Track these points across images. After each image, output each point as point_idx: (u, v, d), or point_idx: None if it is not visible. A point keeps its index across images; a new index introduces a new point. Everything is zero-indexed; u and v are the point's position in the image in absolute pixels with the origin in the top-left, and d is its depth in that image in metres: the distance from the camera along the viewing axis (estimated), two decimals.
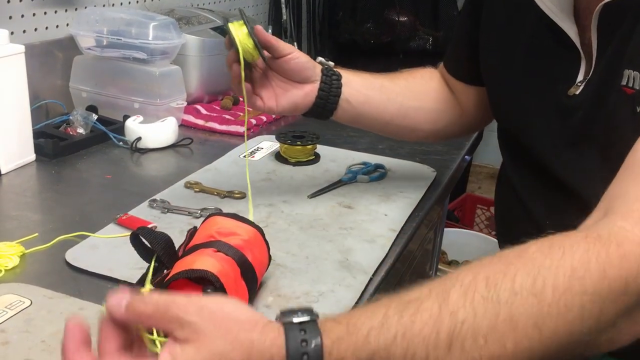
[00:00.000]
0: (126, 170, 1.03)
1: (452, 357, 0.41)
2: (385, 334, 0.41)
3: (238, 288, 0.58)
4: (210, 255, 0.58)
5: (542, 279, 0.42)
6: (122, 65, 1.17)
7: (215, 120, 1.23)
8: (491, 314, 0.41)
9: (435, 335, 0.41)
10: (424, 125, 0.89)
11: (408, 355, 0.40)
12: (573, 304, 0.42)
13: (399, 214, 0.88)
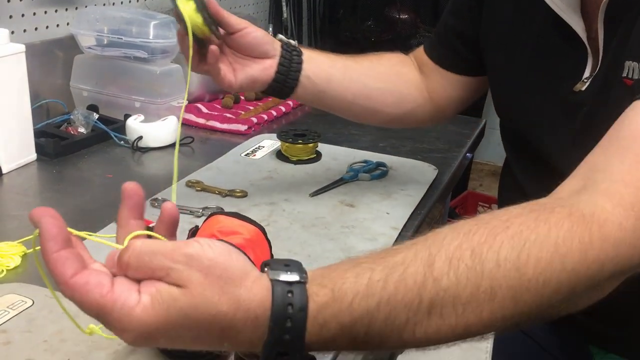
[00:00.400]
0: (127, 170, 1.03)
1: (429, 323, 0.42)
2: (369, 300, 0.41)
3: None
4: None
5: (526, 253, 0.43)
6: (122, 64, 1.17)
7: (216, 119, 1.23)
8: (473, 283, 0.42)
9: (417, 301, 0.41)
10: (387, 108, 0.87)
11: (389, 320, 0.41)
12: (551, 280, 0.43)
13: (401, 212, 0.88)
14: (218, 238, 0.61)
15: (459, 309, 0.42)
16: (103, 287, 0.39)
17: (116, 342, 0.58)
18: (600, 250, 0.45)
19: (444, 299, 0.42)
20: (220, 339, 0.40)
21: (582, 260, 0.44)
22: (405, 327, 0.42)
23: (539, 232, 0.44)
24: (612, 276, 0.46)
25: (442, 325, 0.42)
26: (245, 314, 0.39)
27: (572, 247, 0.44)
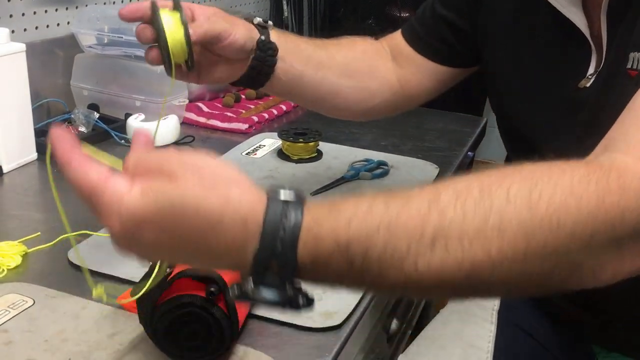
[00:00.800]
0: None
1: (433, 255, 0.39)
2: (369, 222, 0.39)
3: None
4: None
5: (538, 192, 0.41)
6: (123, 63, 1.17)
7: (217, 118, 1.22)
8: (481, 218, 0.40)
9: (420, 230, 0.39)
10: (355, 105, 0.84)
11: (389, 247, 0.39)
12: (566, 222, 0.40)
13: None
14: None
15: (466, 243, 0.39)
16: (101, 174, 0.41)
17: (117, 342, 0.58)
18: (620, 197, 0.41)
19: (449, 231, 0.39)
20: (206, 241, 0.39)
21: (600, 204, 0.41)
22: (407, 258, 0.39)
23: (552, 175, 0.42)
24: (635, 233, 0.42)
25: (447, 259, 0.39)
26: (233, 214, 0.39)
27: (589, 189, 0.41)
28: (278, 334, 0.61)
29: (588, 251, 0.41)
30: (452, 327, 0.78)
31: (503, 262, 0.40)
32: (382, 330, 0.86)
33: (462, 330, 0.77)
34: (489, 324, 0.77)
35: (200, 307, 0.53)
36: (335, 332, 0.61)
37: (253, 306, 0.63)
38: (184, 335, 0.55)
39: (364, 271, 0.40)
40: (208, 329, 0.54)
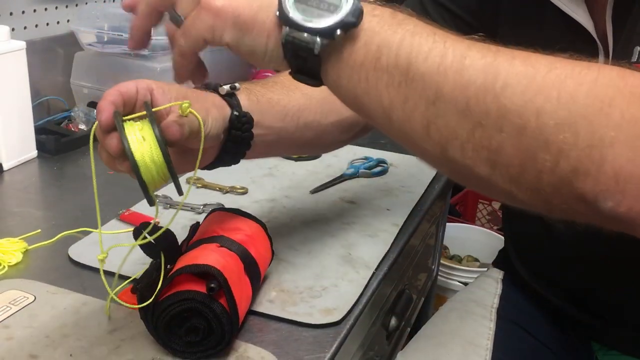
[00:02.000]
0: None
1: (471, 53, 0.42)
2: (401, 27, 0.43)
3: (242, 283, 0.58)
4: (213, 251, 0.58)
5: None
6: (123, 61, 1.17)
7: None
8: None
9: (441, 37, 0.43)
10: (340, 137, 0.78)
11: (415, 42, 0.42)
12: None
13: (401, 209, 0.88)
14: (219, 234, 0.61)
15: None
16: None
17: (118, 338, 0.58)
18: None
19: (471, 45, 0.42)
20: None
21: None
22: (430, 52, 0.41)
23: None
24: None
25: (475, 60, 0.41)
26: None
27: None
28: (278, 330, 0.61)
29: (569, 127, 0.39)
30: (451, 325, 0.79)
31: None
32: (381, 327, 0.87)
33: (461, 328, 0.78)
34: (488, 322, 0.78)
35: (200, 303, 0.54)
36: (334, 329, 0.62)
37: (253, 303, 0.63)
38: (185, 331, 0.55)
39: (391, 67, 0.43)
40: (208, 325, 0.54)
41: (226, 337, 0.55)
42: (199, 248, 0.59)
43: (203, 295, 0.54)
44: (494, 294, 0.83)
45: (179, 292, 0.54)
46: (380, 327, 0.87)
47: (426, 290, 1.35)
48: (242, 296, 0.57)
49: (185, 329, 0.55)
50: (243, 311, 0.59)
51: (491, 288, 0.84)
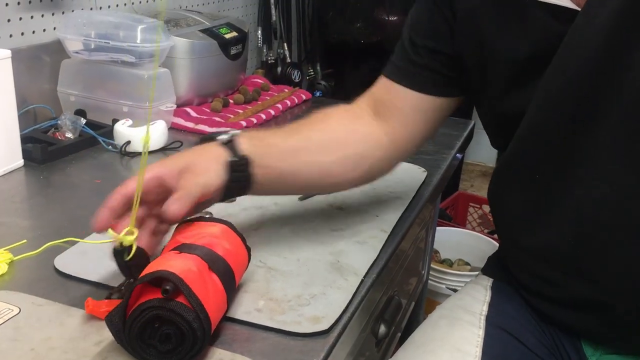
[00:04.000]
0: (116, 175, 1.03)
1: None
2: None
3: (206, 280, 0.57)
4: (171, 258, 0.58)
5: None
6: (110, 69, 1.16)
7: (205, 123, 1.22)
8: None
9: None
10: (347, 175, 0.80)
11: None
12: None
13: (390, 215, 0.88)
14: (180, 243, 0.61)
15: None
16: None
17: (105, 350, 0.58)
18: None
19: None
20: None
21: None
22: None
23: None
24: None
25: None
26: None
27: None
28: (266, 340, 0.61)
29: None
30: (441, 332, 0.79)
31: None
32: (370, 335, 0.86)
33: (450, 335, 0.77)
34: (477, 329, 0.77)
35: (158, 308, 0.53)
36: (323, 337, 0.61)
37: (241, 312, 0.63)
38: (159, 341, 0.54)
39: None
40: (175, 327, 0.54)
41: (198, 334, 0.54)
42: (157, 259, 0.59)
43: (159, 300, 0.53)
44: (483, 301, 0.82)
45: (138, 306, 0.54)
46: (370, 334, 0.86)
47: (416, 294, 1.35)
48: (208, 292, 0.56)
49: (158, 339, 0.54)
50: (216, 307, 0.57)
51: (480, 295, 0.84)
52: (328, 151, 0.78)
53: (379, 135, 0.81)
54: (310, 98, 1.50)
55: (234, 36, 1.36)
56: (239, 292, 0.67)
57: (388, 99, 0.81)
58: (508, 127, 0.74)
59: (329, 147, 0.78)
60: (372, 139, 0.81)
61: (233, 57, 1.36)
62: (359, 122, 0.82)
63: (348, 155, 0.79)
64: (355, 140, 0.80)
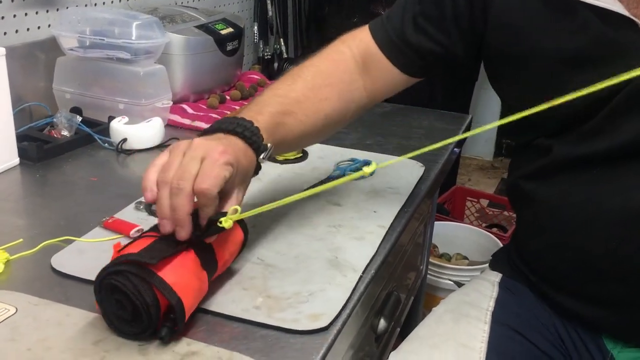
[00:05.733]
0: (112, 172, 1.02)
1: None
2: None
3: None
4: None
5: None
6: (105, 66, 1.16)
7: (202, 120, 1.22)
8: None
9: None
10: (335, 117, 0.83)
11: None
12: None
13: (388, 210, 0.88)
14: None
15: None
16: None
17: (102, 349, 0.57)
18: None
19: None
20: None
21: None
22: None
23: None
24: None
25: None
26: None
27: None
28: (265, 337, 0.60)
29: None
30: (445, 327, 0.78)
31: None
32: (370, 330, 0.86)
33: (455, 330, 0.77)
34: (483, 324, 0.77)
35: (107, 271, 0.57)
36: (322, 334, 0.61)
37: (239, 310, 0.63)
38: (119, 310, 0.58)
39: None
40: (124, 294, 0.56)
41: (147, 299, 0.56)
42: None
43: (111, 263, 0.57)
44: (490, 297, 0.82)
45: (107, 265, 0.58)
46: (369, 330, 0.86)
47: (415, 289, 1.35)
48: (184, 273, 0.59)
49: (117, 307, 0.58)
50: (186, 276, 0.59)
51: (487, 291, 0.83)
52: (328, 99, 0.81)
53: (362, 93, 0.85)
54: None
55: (230, 32, 1.35)
56: (236, 289, 0.67)
57: (373, 58, 0.83)
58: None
59: (326, 99, 0.81)
60: (357, 99, 0.85)
61: (229, 53, 1.36)
62: (349, 81, 0.83)
63: (342, 106, 0.83)
64: (343, 101, 0.83)
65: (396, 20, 0.81)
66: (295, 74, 0.80)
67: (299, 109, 0.76)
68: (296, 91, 0.78)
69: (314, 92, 0.79)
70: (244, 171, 0.65)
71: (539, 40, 0.71)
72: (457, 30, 0.77)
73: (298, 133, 0.76)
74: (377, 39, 0.82)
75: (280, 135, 0.73)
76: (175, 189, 0.59)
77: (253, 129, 0.68)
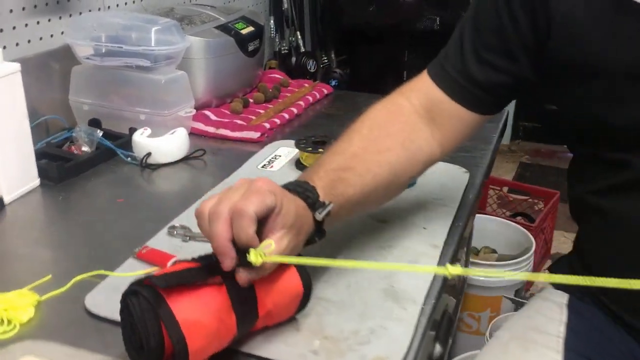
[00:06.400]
0: (138, 191, 0.96)
1: None
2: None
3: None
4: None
5: None
6: (124, 74, 1.09)
7: (227, 127, 1.15)
8: None
9: None
10: (403, 178, 0.76)
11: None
12: None
13: (439, 226, 0.82)
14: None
15: None
16: None
17: None
18: None
19: None
20: None
21: None
22: None
23: None
24: None
25: None
26: None
27: None
28: None
29: None
30: (514, 356, 0.72)
31: None
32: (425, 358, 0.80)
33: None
34: (555, 353, 0.71)
35: (129, 288, 0.53)
36: None
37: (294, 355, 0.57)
38: (131, 334, 0.53)
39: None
40: (133, 318, 0.52)
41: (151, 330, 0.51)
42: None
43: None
44: (559, 321, 0.76)
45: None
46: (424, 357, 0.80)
47: (457, 291, 1.28)
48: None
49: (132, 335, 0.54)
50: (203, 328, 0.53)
51: (554, 314, 0.77)
52: (393, 184, 0.74)
53: (435, 148, 0.77)
54: (331, 92, 1.42)
55: (250, 31, 1.28)
56: (289, 331, 0.61)
57: (441, 110, 0.76)
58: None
59: (388, 164, 0.72)
60: (429, 154, 0.77)
61: (251, 54, 1.29)
62: (415, 132, 0.76)
63: (407, 179, 0.75)
64: (412, 150, 0.75)
65: (456, 58, 0.74)
66: (350, 130, 0.74)
67: (358, 162, 0.69)
68: (353, 145, 0.71)
69: (373, 143, 0.72)
70: (292, 216, 0.58)
71: (599, 52, 0.65)
72: (524, 52, 0.70)
73: (360, 188, 0.68)
74: (440, 83, 0.75)
75: (339, 191, 0.66)
76: (213, 214, 0.54)
77: (305, 185, 0.62)
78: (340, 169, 0.68)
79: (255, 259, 0.54)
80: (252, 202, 0.54)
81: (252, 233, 0.54)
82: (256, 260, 0.54)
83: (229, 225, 0.54)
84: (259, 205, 0.54)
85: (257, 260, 0.54)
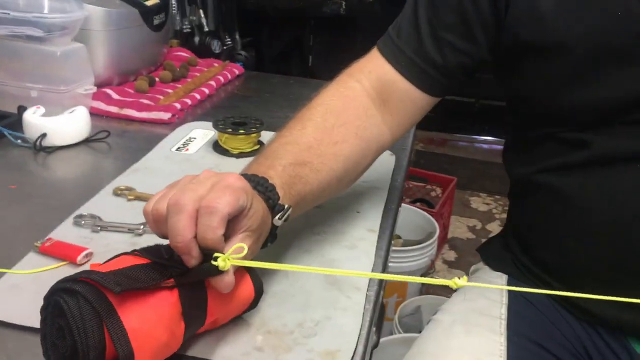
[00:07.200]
0: (33, 177, 0.85)
1: None
2: None
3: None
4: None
5: None
6: (11, 45, 0.96)
7: (132, 107, 1.05)
8: None
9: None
10: (358, 168, 0.72)
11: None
12: None
13: (372, 210, 0.78)
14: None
15: None
16: None
17: None
18: None
19: None
20: None
21: None
22: None
23: None
24: None
25: None
26: None
27: None
28: None
29: None
30: (457, 340, 0.70)
31: None
32: None
33: (468, 344, 0.69)
34: (498, 336, 0.70)
35: (60, 285, 0.44)
36: None
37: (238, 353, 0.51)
38: (58, 339, 0.44)
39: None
40: (67, 322, 0.43)
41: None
42: None
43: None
44: (500, 303, 0.75)
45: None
46: None
47: None
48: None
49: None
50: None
51: (495, 296, 0.76)
52: (343, 159, 0.68)
53: (386, 135, 0.74)
54: (243, 73, 1.35)
55: (155, 3, 1.18)
56: (229, 328, 0.55)
57: (394, 90, 0.72)
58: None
59: (342, 155, 0.68)
60: (380, 143, 0.74)
61: (156, 28, 1.19)
62: (369, 119, 0.72)
63: (362, 146, 0.70)
64: (366, 138, 0.71)
65: (411, 36, 0.71)
66: (302, 117, 0.68)
67: (314, 155, 0.64)
68: (307, 135, 0.65)
69: (328, 134, 0.66)
70: (258, 218, 0.52)
71: (560, 28, 0.64)
72: (482, 31, 0.68)
73: (317, 184, 0.63)
74: (395, 63, 0.71)
75: (296, 190, 0.60)
76: (174, 205, 0.47)
77: (267, 185, 0.56)
78: (297, 163, 0.62)
79: (223, 265, 0.47)
80: (226, 201, 0.47)
81: (220, 235, 0.47)
82: (224, 267, 0.47)
83: (194, 221, 0.47)
84: (234, 204, 0.48)
85: (226, 266, 0.47)
